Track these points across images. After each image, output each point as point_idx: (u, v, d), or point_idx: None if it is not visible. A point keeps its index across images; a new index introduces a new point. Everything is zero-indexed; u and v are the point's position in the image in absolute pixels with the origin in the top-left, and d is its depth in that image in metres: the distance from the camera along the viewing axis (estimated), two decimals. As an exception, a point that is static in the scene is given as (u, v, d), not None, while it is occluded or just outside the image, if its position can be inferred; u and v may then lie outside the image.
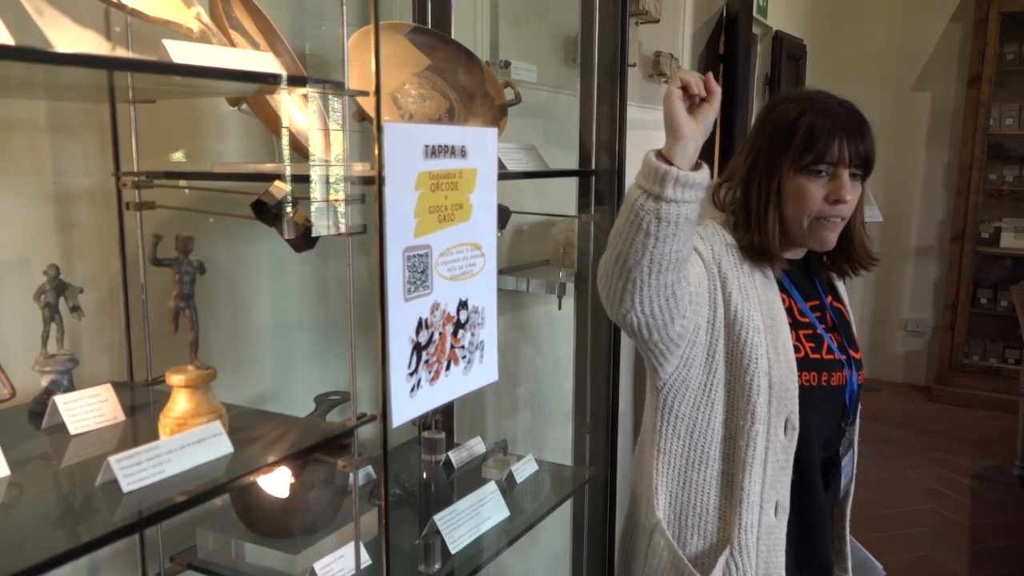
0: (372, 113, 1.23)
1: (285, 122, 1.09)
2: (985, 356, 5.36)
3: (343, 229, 1.03)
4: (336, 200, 1.01)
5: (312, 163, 1.02)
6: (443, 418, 1.89)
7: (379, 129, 0.97)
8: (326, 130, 1.01)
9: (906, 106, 5.55)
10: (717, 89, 1.16)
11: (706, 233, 1.44)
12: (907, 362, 5.76)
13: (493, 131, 1.21)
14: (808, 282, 1.50)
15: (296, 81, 0.98)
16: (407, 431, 1.89)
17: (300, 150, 1.13)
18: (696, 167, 1.16)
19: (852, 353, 1.49)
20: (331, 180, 1.03)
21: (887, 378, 5.69)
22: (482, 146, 1.17)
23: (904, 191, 5.59)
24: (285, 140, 1.08)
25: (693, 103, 1.17)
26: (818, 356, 1.44)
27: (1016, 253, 5.30)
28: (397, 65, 1.61)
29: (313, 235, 1.11)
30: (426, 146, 1.06)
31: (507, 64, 2.13)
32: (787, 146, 1.36)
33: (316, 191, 1.02)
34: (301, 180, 1.03)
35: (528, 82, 2.19)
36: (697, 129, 1.15)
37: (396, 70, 1.60)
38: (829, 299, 1.53)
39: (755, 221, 1.40)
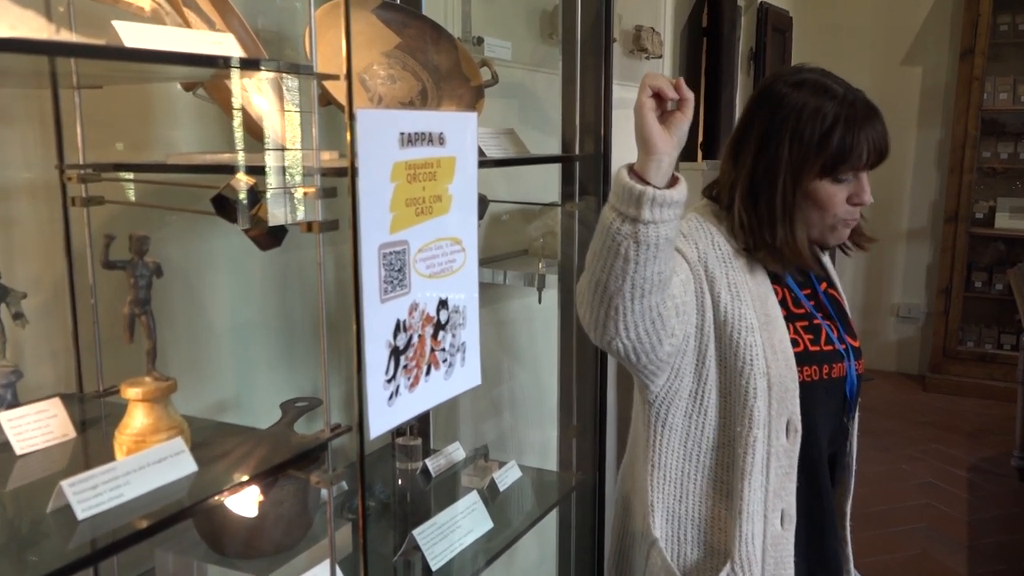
0: (341, 98, 1.20)
1: (248, 109, 1.07)
2: (980, 342, 5.44)
3: (301, 217, 1.00)
4: (306, 193, 0.98)
5: (276, 152, 1.00)
6: (419, 423, 1.88)
7: (351, 116, 0.95)
8: (287, 115, 0.98)
9: (896, 81, 5.60)
10: (690, 95, 1.14)
11: (689, 229, 1.42)
12: (900, 350, 5.83)
13: (473, 116, 1.19)
14: (799, 270, 1.49)
15: (259, 65, 0.95)
16: (381, 437, 1.87)
17: (261, 137, 1.10)
18: (672, 182, 1.15)
19: (851, 341, 1.50)
20: (298, 172, 1.00)
21: (880, 367, 5.76)
22: (461, 132, 1.15)
23: (895, 171, 5.64)
24: (237, 123, 1.05)
25: (664, 110, 1.15)
26: (818, 348, 1.44)
27: (1011, 234, 5.38)
28: (364, 44, 1.58)
29: (275, 227, 1.08)
30: (402, 134, 1.04)
31: (480, 41, 2.11)
32: (819, 153, 1.34)
33: (281, 182, 0.99)
34: (263, 172, 1.01)
35: (503, 60, 2.17)
36: (671, 141, 1.13)
37: (363, 49, 1.57)
38: (823, 285, 1.53)
39: (780, 226, 1.38)
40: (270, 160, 1.00)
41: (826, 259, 1.59)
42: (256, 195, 1.01)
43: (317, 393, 1.69)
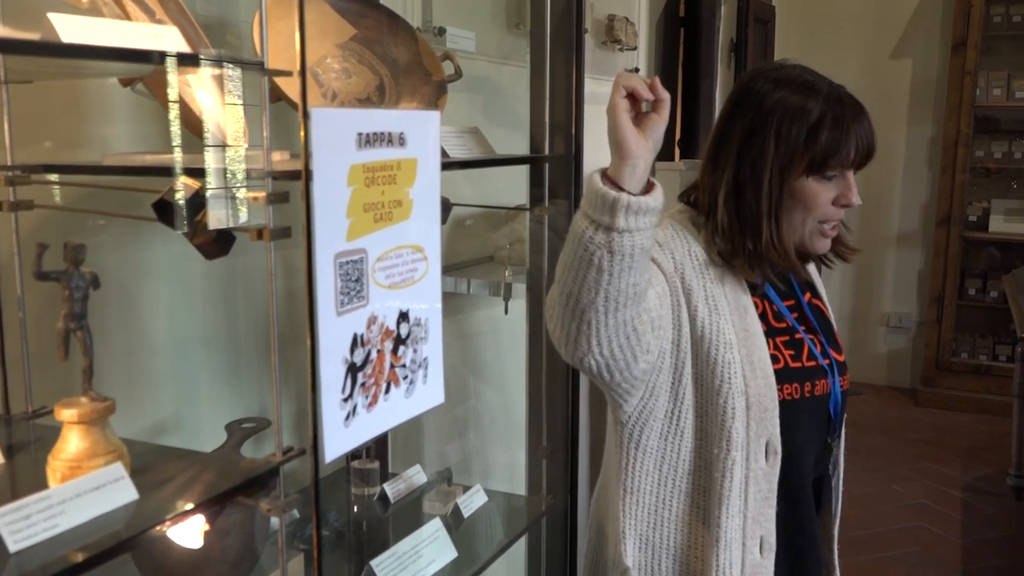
0: (292, 94, 1.21)
1: (192, 106, 1.07)
2: (974, 353, 5.55)
3: (244, 219, 1.01)
4: (256, 198, 0.99)
5: (222, 151, 1.00)
6: (376, 445, 1.89)
7: (305, 115, 0.96)
8: (232, 110, 0.99)
9: (885, 75, 5.70)
10: (666, 96, 1.16)
11: (665, 238, 1.44)
12: (890, 362, 5.93)
13: (435, 115, 1.20)
14: (783, 280, 1.52)
15: (206, 60, 0.96)
16: (334, 461, 1.88)
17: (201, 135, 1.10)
18: (647, 188, 1.17)
19: (835, 355, 1.53)
20: (245, 172, 1.01)
21: (869, 380, 5.84)
22: (423, 132, 1.17)
23: (884, 170, 5.73)
24: (176, 119, 1.05)
25: (639, 111, 1.16)
26: (799, 364, 1.47)
27: (1006, 238, 5.49)
28: (316, 35, 1.59)
29: (222, 235, 1.09)
30: (359, 134, 1.05)
31: (442, 31, 2.12)
32: (807, 149, 1.37)
33: (226, 184, 1.00)
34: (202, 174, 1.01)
35: (466, 52, 2.19)
36: (646, 145, 1.15)
37: (315, 41, 1.58)
38: (807, 296, 1.56)
39: (766, 226, 1.40)
40: (216, 160, 1.00)
41: (811, 267, 1.62)
42: (202, 200, 1.02)
43: (263, 413, 1.69)
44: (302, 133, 0.96)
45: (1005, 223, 5.47)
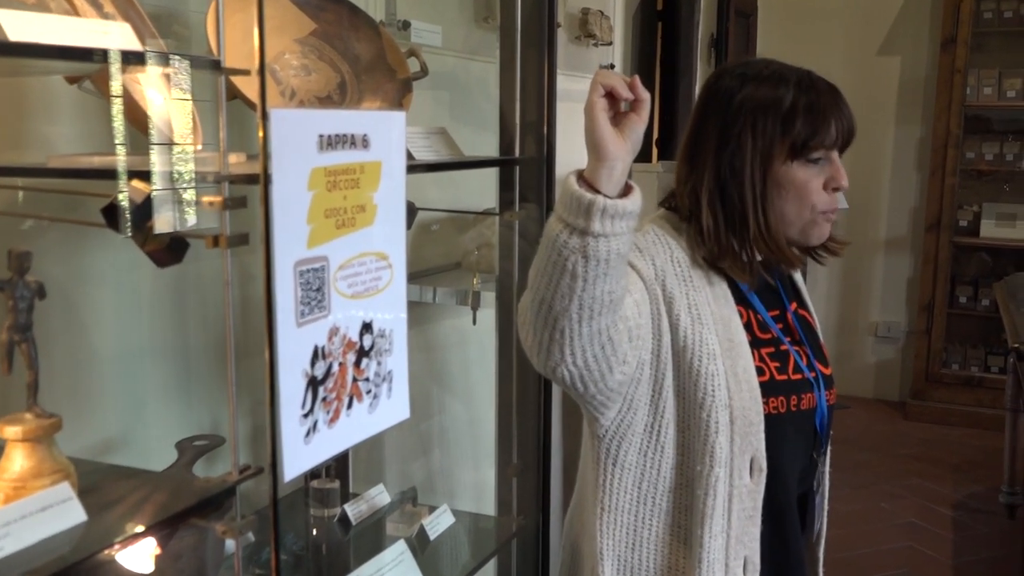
0: (250, 93, 1.22)
1: (143, 104, 1.08)
2: (966, 364, 5.63)
3: (192, 222, 1.02)
4: (212, 203, 1.00)
5: (173, 151, 1.01)
6: (336, 463, 1.90)
7: (264, 116, 0.97)
8: (183, 107, 1.00)
9: (872, 73, 5.78)
10: (645, 95, 1.18)
11: (646, 243, 1.46)
12: (878, 373, 6.02)
13: (401, 116, 1.22)
14: (768, 289, 1.55)
15: (157, 59, 0.97)
16: (291, 481, 1.88)
17: (158, 136, 1.11)
18: (625, 191, 1.19)
19: (821, 368, 1.56)
20: (195, 175, 1.02)
21: (857, 393, 5.92)
22: (387, 134, 1.18)
23: (872, 173, 5.82)
24: (118, 113, 1.05)
25: (617, 111, 1.18)
26: (785, 377, 1.49)
27: (997, 244, 5.58)
28: (274, 30, 1.60)
29: (175, 241, 1.10)
30: (321, 136, 1.06)
31: (406, 25, 2.14)
32: (785, 133, 1.41)
33: (173, 186, 1.01)
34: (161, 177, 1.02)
35: (432, 47, 2.20)
36: (624, 146, 1.17)
37: (273, 36, 1.60)
38: (794, 306, 1.59)
39: (752, 218, 1.43)
40: (168, 163, 1.01)
41: (797, 276, 1.65)
42: (154, 205, 1.03)
43: (216, 430, 1.69)
44: (261, 134, 0.97)
45: (996, 228, 5.56)
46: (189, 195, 1.00)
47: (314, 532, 1.79)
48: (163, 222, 1.01)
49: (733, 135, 1.43)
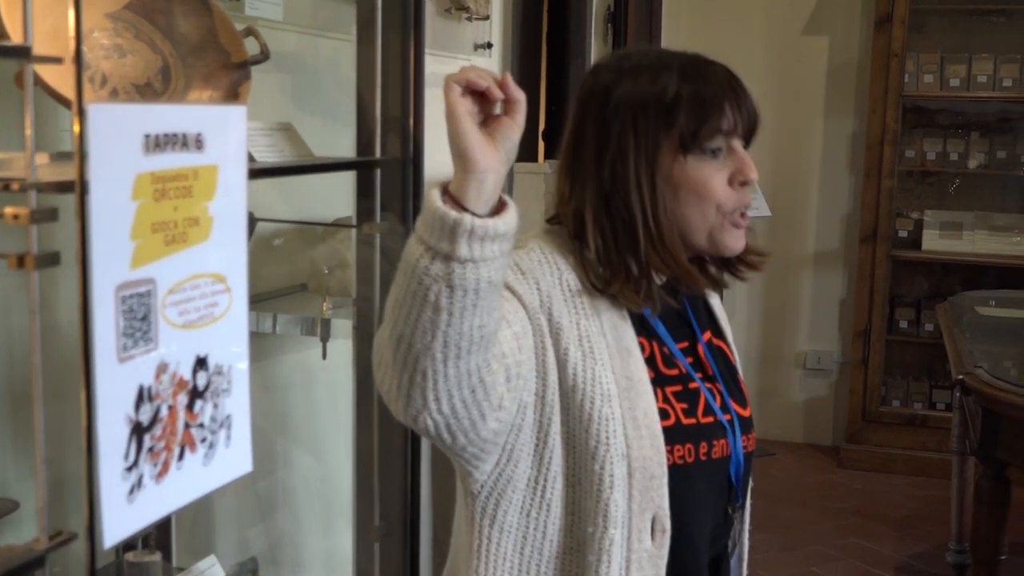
0: (55, 84, 1.25)
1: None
2: (908, 401, 5.84)
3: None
4: (16, 217, 1.02)
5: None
6: (156, 531, 1.90)
7: (81, 112, 0.99)
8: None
9: (797, 55, 5.99)
10: (520, 96, 1.21)
11: (530, 263, 1.48)
12: (808, 413, 6.19)
13: (241, 111, 1.25)
14: (677, 316, 1.60)
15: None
16: (102, 553, 1.89)
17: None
18: (498, 208, 1.21)
19: (738, 409, 1.61)
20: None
21: (783, 437, 6.05)
22: (225, 132, 1.21)
23: (797, 174, 6.00)
24: None
25: (488, 113, 1.21)
26: (693, 421, 1.53)
27: (941, 258, 5.82)
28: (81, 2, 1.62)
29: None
30: (146, 136, 1.08)
31: (239, -4, 2.17)
32: (670, 125, 1.46)
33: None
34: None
35: (271, 21, 2.22)
36: (496, 155, 1.19)
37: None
38: (707, 336, 1.64)
39: (642, 229, 1.46)
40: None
41: (715, 301, 1.71)
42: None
43: (8, 489, 1.69)
44: (76, 131, 0.98)
45: (941, 239, 5.78)
46: (17, 218, 1.00)
47: (129, 617, 1.80)
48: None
49: (613, 139, 1.48)
